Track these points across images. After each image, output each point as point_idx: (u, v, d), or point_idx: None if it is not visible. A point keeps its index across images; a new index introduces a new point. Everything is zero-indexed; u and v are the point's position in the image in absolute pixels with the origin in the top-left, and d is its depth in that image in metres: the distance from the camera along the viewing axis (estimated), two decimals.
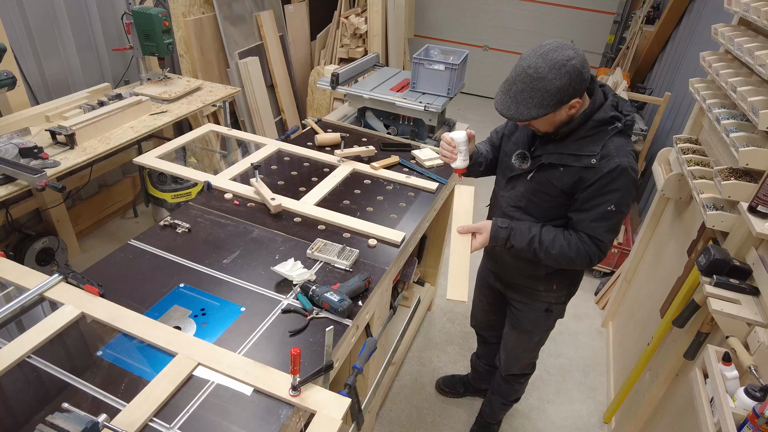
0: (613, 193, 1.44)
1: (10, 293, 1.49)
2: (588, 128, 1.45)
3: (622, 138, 1.47)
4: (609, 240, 1.51)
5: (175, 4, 3.47)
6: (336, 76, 2.75)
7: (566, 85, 1.33)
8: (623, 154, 1.43)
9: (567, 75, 1.32)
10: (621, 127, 1.45)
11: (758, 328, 1.42)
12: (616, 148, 1.44)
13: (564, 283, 1.76)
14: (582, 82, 1.36)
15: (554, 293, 1.77)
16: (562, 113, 1.42)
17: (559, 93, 1.34)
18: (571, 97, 1.36)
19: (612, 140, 1.45)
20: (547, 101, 1.35)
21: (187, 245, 1.70)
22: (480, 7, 6.07)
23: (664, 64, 4.51)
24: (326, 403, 1.19)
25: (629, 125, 1.48)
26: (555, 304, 1.81)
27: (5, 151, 2.10)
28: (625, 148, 1.45)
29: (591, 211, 1.48)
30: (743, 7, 1.96)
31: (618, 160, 1.42)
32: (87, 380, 1.21)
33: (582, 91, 1.38)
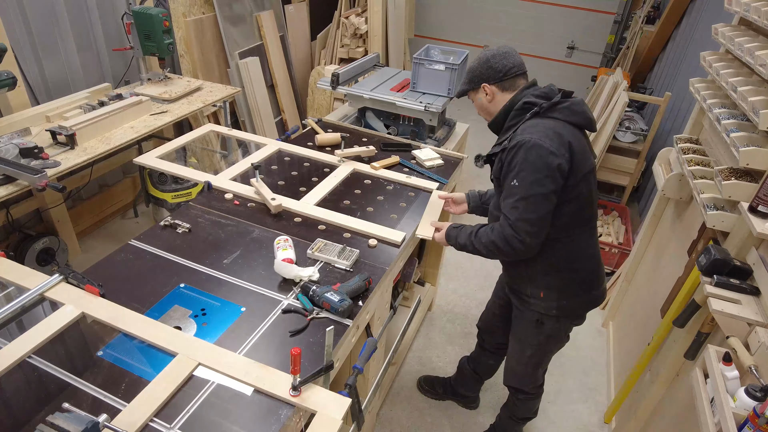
0: (514, 169, 1.48)
1: (10, 293, 1.49)
2: (510, 118, 1.60)
3: (539, 119, 1.53)
4: (516, 217, 1.48)
5: (175, 5, 3.47)
6: (336, 76, 2.75)
7: (474, 66, 1.65)
8: (530, 132, 1.48)
9: (477, 59, 1.66)
10: (536, 110, 1.53)
11: (759, 328, 1.42)
12: (525, 127, 1.52)
13: (552, 293, 1.68)
14: (489, 69, 1.61)
15: (543, 302, 1.71)
16: (479, 95, 1.66)
17: (470, 72, 1.67)
18: (480, 78, 1.63)
19: (525, 123, 1.54)
20: (465, 79, 1.70)
21: (187, 245, 1.71)
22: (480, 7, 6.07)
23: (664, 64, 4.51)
24: (326, 404, 1.19)
25: (549, 108, 1.53)
26: (546, 317, 1.73)
27: (6, 152, 2.10)
28: (534, 127, 1.50)
29: (504, 190, 1.54)
30: (743, 7, 1.96)
31: (521, 136, 1.48)
32: (87, 380, 1.21)
33: (491, 78, 1.61)
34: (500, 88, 1.62)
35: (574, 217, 1.57)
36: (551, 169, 1.44)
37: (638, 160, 3.80)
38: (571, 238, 1.61)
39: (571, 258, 1.64)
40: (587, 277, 1.70)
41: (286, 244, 1.68)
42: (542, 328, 1.77)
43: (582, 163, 1.51)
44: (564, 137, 1.48)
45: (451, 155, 2.50)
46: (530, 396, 2.05)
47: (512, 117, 1.59)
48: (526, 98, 1.56)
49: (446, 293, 3.25)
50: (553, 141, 1.45)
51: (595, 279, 1.72)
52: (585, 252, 1.66)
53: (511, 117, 1.59)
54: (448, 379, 2.53)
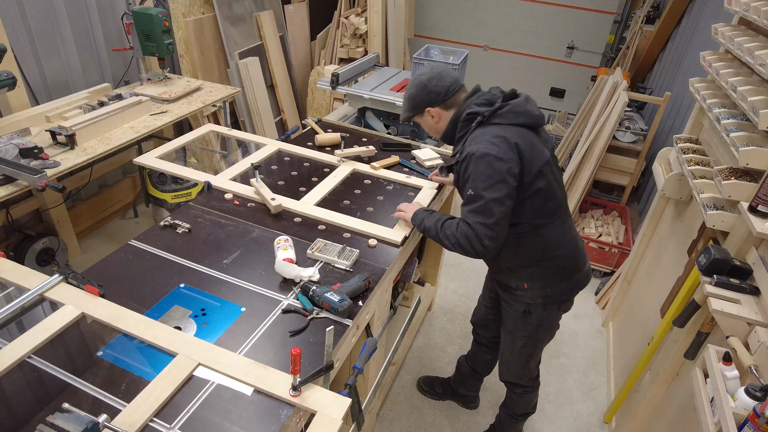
0: (468, 179, 1.56)
1: (10, 293, 1.49)
2: (458, 130, 1.67)
3: (483, 128, 1.59)
4: (475, 221, 1.54)
5: (175, 5, 3.47)
6: (336, 76, 2.75)
7: (414, 94, 1.71)
8: (476, 143, 1.55)
9: (415, 87, 1.71)
10: (480, 119, 1.59)
11: (759, 328, 1.42)
12: (471, 139, 1.59)
13: (535, 283, 1.74)
14: (428, 93, 1.68)
15: (528, 293, 1.76)
16: (426, 118, 1.73)
17: (410, 100, 1.73)
18: (422, 104, 1.70)
19: (472, 133, 1.61)
20: (407, 106, 1.76)
21: (187, 245, 1.70)
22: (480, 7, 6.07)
23: (664, 63, 4.51)
24: (327, 403, 1.19)
25: (491, 115, 1.59)
26: (532, 305, 1.78)
27: (5, 152, 2.10)
28: (481, 137, 1.56)
29: (463, 200, 1.61)
30: (743, 6, 1.96)
31: (469, 148, 1.56)
32: (87, 380, 1.21)
33: (434, 102, 1.68)
34: (444, 107, 1.70)
35: (538, 211, 1.62)
36: (501, 174, 1.50)
37: (638, 159, 3.80)
38: (540, 230, 1.65)
39: (546, 248, 1.69)
40: (567, 263, 1.74)
41: (286, 244, 1.68)
42: (530, 318, 1.81)
43: (533, 160, 1.56)
44: (510, 140, 1.54)
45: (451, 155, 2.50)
46: (527, 389, 2.08)
47: (460, 128, 1.66)
48: (469, 109, 1.63)
49: (446, 293, 3.25)
50: (499, 147, 1.52)
51: (576, 263, 1.76)
52: (560, 240, 1.70)
53: (459, 128, 1.66)
54: (448, 379, 2.53)
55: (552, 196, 1.63)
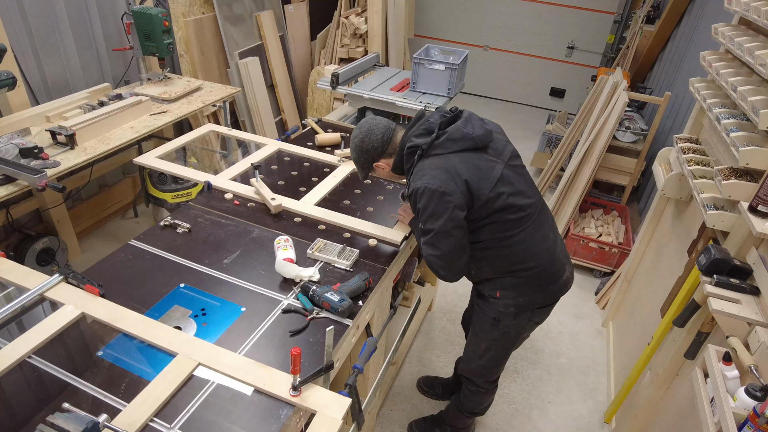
0: (418, 213, 1.58)
1: (10, 293, 1.50)
2: (405, 163, 1.66)
3: (424, 161, 1.58)
4: (427, 254, 1.58)
5: (175, 4, 3.47)
6: (336, 76, 2.75)
7: (357, 157, 1.74)
8: (418, 177, 1.55)
9: (354, 151, 1.74)
10: (420, 153, 1.58)
11: (759, 328, 1.42)
12: (414, 174, 1.59)
13: (507, 292, 1.71)
14: (367, 152, 1.70)
15: (500, 301, 1.73)
16: (379, 171, 1.77)
17: (357, 162, 1.76)
18: (368, 162, 1.72)
19: (416, 167, 1.60)
20: (358, 167, 1.78)
21: (187, 245, 1.70)
22: (480, 7, 6.07)
23: (664, 63, 4.51)
24: (327, 403, 1.19)
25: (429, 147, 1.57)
26: (503, 314, 1.75)
27: (6, 152, 2.10)
28: (422, 170, 1.56)
29: None
30: (743, 6, 1.95)
31: (413, 184, 1.56)
32: (87, 380, 1.21)
33: (376, 157, 1.70)
34: (387, 156, 1.71)
35: (499, 226, 1.58)
36: (445, 207, 1.50)
37: (638, 159, 3.80)
38: (506, 242, 1.60)
39: (515, 260, 1.65)
40: (541, 274, 1.68)
41: (286, 244, 1.68)
42: (499, 325, 1.80)
43: (481, 185, 1.53)
44: (450, 171, 1.52)
45: None
46: (479, 389, 2.06)
47: (405, 161, 1.66)
48: (410, 142, 1.62)
49: (446, 293, 3.25)
50: (442, 180, 1.50)
51: (552, 275, 1.70)
52: (530, 251, 1.64)
53: (405, 161, 1.66)
54: (448, 379, 2.53)
55: (513, 209, 1.57)
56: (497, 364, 1.97)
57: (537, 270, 1.66)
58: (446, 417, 2.28)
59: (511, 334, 1.83)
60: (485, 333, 1.85)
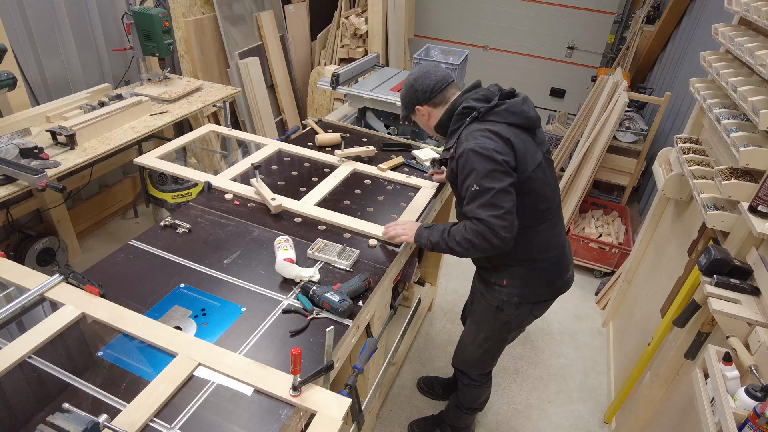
0: (469, 175, 1.55)
1: (10, 294, 1.49)
2: (452, 123, 1.67)
3: (478, 123, 1.60)
4: (487, 215, 1.52)
5: (175, 5, 3.47)
6: (336, 77, 2.75)
7: (404, 94, 1.78)
8: (470, 138, 1.56)
9: (404, 87, 1.79)
10: (475, 114, 1.60)
11: (759, 328, 1.42)
12: (466, 135, 1.59)
13: (514, 281, 1.74)
14: (415, 92, 1.72)
15: (505, 290, 1.76)
16: (418, 117, 1.79)
17: (402, 100, 1.80)
18: (411, 103, 1.75)
19: (467, 128, 1.61)
20: (402, 105, 1.82)
21: (187, 245, 1.70)
22: (480, 7, 6.07)
23: (664, 63, 4.51)
24: (327, 404, 1.19)
25: (487, 111, 1.59)
26: (507, 303, 1.78)
27: (6, 152, 2.10)
28: (474, 132, 1.57)
29: (465, 196, 1.59)
30: (743, 6, 1.95)
31: (464, 145, 1.56)
32: (87, 380, 1.21)
33: (422, 100, 1.72)
34: (432, 105, 1.73)
35: (529, 212, 1.62)
36: (500, 164, 1.51)
37: (638, 160, 3.80)
38: (528, 230, 1.65)
39: (532, 250, 1.70)
40: (550, 268, 1.75)
41: (286, 244, 1.68)
42: (501, 314, 1.82)
43: (527, 160, 1.57)
44: (503, 136, 1.55)
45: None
46: (474, 383, 2.08)
47: (454, 121, 1.66)
48: (466, 102, 1.64)
49: (446, 293, 3.25)
50: (496, 142, 1.54)
51: (559, 269, 1.77)
52: (547, 243, 1.71)
53: (454, 121, 1.67)
54: (448, 379, 2.53)
55: (543, 199, 1.64)
56: (493, 355, 2.00)
57: (548, 263, 1.73)
58: (446, 416, 2.28)
59: (512, 325, 1.85)
60: (486, 322, 1.88)
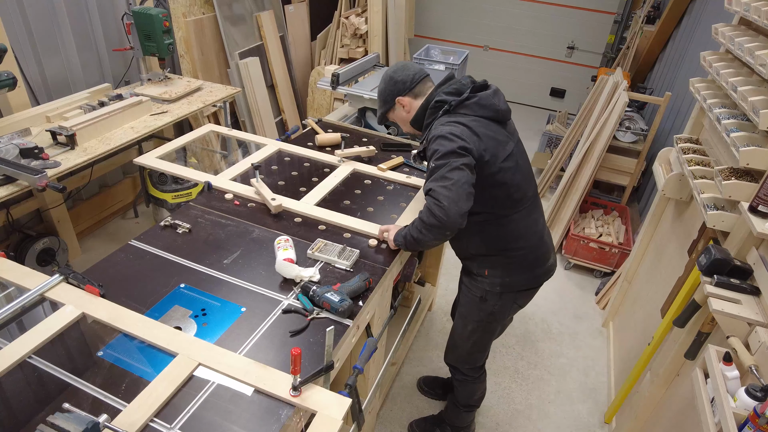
0: (431, 157, 1.59)
1: (10, 294, 1.49)
2: (426, 117, 1.72)
3: (448, 116, 1.64)
4: (435, 186, 1.53)
5: (175, 5, 3.47)
6: (336, 77, 2.75)
7: (382, 88, 1.80)
8: (438, 127, 1.61)
9: (382, 82, 1.80)
10: (446, 108, 1.64)
11: (759, 328, 1.42)
12: (436, 125, 1.63)
13: (495, 271, 1.77)
14: (395, 84, 1.75)
15: (487, 280, 1.79)
16: (398, 111, 1.80)
17: (381, 95, 1.82)
18: (392, 95, 1.77)
19: (439, 119, 1.65)
20: (380, 103, 1.84)
21: (187, 245, 1.71)
22: (480, 7, 6.07)
23: (664, 63, 4.51)
24: (327, 404, 1.19)
25: (457, 104, 1.63)
26: (490, 293, 1.81)
27: (6, 152, 2.10)
28: (444, 123, 1.62)
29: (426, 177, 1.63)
30: (743, 6, 1.95)
31: (434, 131, 1.61)
32: (88, 380, 1.21)
33: (403, 91, 1.75)
34: (412, 96, 1.76)
35: (501, 201, 1.66)
36: (462, 151, 1.54)
37: (638, 160, 3.80)
38: (502, 219, 1.69)
39: (509, 239, 1.72)
40: (529, 256, 1.77)
41: (286, 244, 1.68)
42: (485, 305, 1.84)
43: (497, 151, 1.61)
44: (472, 128, 1.58)
45: None
46: (467, 378, 2.09)
47: (428, 115, 1.71)
48: (438, 96, 1.68)
49: (446, 293, 3.25)
50: (462, 131, 1.57)
51: (538, 257, 1.79)
52: (524, 232, 1.73)
53: (428, 115, 1.71)
54: (448, 379, 2.53)
55: (517, 188, 1.67)
56: (482, 348, 2.02)
57: (526, 251, 1.75)
58: (446, 416, 2.28)
59: (496, 315, 1.88)
60: (472, 314, 1.90)
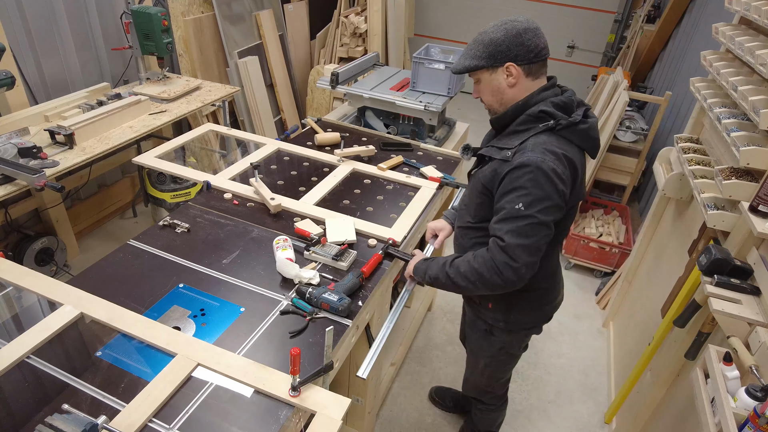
0: (518, 190, 1.30)
1: (9, 293, 1.49)
2: (519, 122, 1.39)
3: (551, 137, 1.34)
4: (515, 243, 1.29)
5: (174, 4, 3.46)
6: (336, 76, 2.74)
7: (500, 39, 1.34)
8: (540, 151, 1.29)
9: (504, 30, 1.34)
10: (552, 125, 1.34)
11: (759, 328, 1.42)
12: (535, 144, 1.32)
13: (499, 305, 1.59)
14: (519, 45, 1.33)
15: (491, 313, 1.62)
16: (498, 77, 1.38)
17: (491, 45, 1.35)
18: (505, 54, 1.34)
19: (537, 137, 1.34)
20: (480, 52, 1.37)
21: (186, 245, 1.70)
22: (480, 6, 6.07)
23: (665, 63, 4.50)
24: (326, 404, 1.19)
25: (566, 126, 1.34)
26: (495, 328, 1.64)
27: (4, 151, 2.09)
28: (546, 146, 1.31)
29: (500, 211, 1.34)
30: (744, 6, 1.95)
31: (530, 155, 1.29)
32: (86, 381, 1.21)
33: (520, 57, 1.34)
34: (527, 71, 1.36)
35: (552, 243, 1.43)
36: (558, 197, 1.30)
37: (639, 159, 3.80)
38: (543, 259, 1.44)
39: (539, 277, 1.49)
40: (540, 294, 1.60)
41: (285, 244, 1.67)
42: (492, 339, 1.69)
43: (577, 194, 1.40)
44: (574, 164, 1.34)
45: (451, 155, 2.50)
46: (489, 407, 2.00)
47: (522, 122, 1.38)
48: (545, 106, 1.36)
49: (446, 293, 3.24)
50: (565, 167, 1.31)
51: (548, 296, 1.63)
52: (545, 272, 1.53)
53: (521, 121, 1.38)
54: (460, 393, 2.47)
55: (562, 233, 1.49)
56: (500, 380, 1.90)
57: (538, 290, 1.58)
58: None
59: (508, 349, 1.73)
60: (482, 349, 1.76)
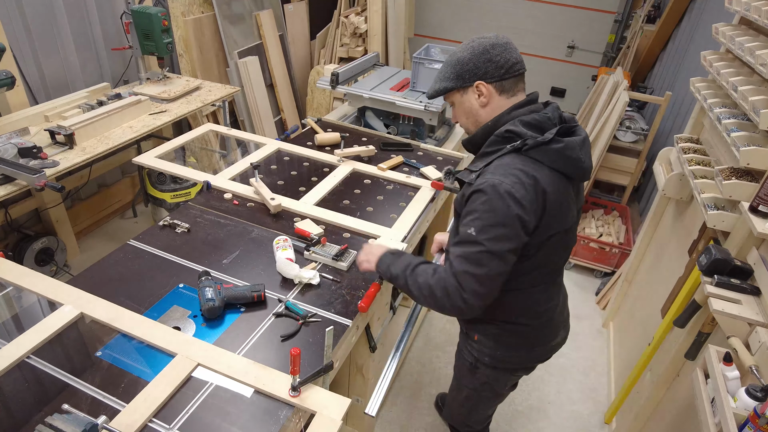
0: (472, 214, 1.21)
1: (9, 293, 1.49)
2: (488, 144, 1.30)
3: (516, 158, 1.22)
4: (462, 270, 1.20)
5: (174, 4, 3.46)
6: (336, 76, 2.74)
7: (467, 58, 1.29)
8: (500, 173, 1.19)
9: (470, 49, 1.30)
10: (518, 145, 1.22)
11: (759, 328, 1.42)
12: (497, 166, 1.22)
13: (487, 340, 1.47)
14: (488, 62, 1.27)
15: (476, 345, 1.50)
16: (469, 97, 1.32)
17: (458, 65, 1.30)
18: (473, 73, 1.29)
19: (501, 158, 1.24)
20: (448, 73, 1.33)
21: (186, 245, 1.70)
22: (481, 6, 6.07)
23: (665, 63, 4.50)
24: (326, 404, 1.19)
25: (533, 146, 1.22)
26: (480, 363, 1.52)
27: (4, 151, 2.09)
28: (509, 168, 1.20)
29: (458, 235, 1.25)
30: (744, 6, 1.95)
31: (488, 177, 1.19)
32: (86, 381, 1.21)
33: (489, 74, 1.28)
34: (499, 89, 1.30)
35: (524, 274, 1.32)
36: (515, 225, 1.18)
37: (639, 159, 3.80)
38: (516, 292, 1.36)
39: (519, 311, 1.42)
40: (534, 333, 1.46)
41: (285, 244, 1.67)
42: (476, 373, 1.57)
43: (554, 221, 1.25)
44: (540, 186, 1.20)
45: (451, 155, 2.50)
46: None
47: (491, 143, 1.29)
48: (512, 126, 1.26)
49: None
50: (527, 190, 1.18)
51: (543, 336, 1.50)
52: (538, 307, 1.42)
53: (490, 143, 1.29)
54: None
55: (547, 265, 1.35)
56: (479, 415, 1.77)
57: (529, 329, 1.45)
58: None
59: (492, 386, 1.59)
60: (465, 379, 1.64)
